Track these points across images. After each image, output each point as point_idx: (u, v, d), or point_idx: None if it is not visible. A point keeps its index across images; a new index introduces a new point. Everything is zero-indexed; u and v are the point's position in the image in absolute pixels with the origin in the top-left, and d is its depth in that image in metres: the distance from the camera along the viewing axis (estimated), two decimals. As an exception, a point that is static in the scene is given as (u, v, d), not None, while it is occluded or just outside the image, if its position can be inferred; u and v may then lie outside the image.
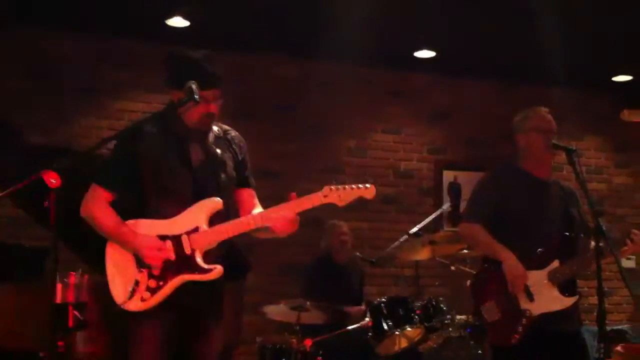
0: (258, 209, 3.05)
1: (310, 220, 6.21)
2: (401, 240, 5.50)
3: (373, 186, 2.87)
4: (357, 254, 5.85)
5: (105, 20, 5.91)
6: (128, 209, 2.90)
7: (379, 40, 6.10)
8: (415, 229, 5.43)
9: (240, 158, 3.09)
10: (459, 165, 7.23)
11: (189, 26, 5.98)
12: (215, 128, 3.05)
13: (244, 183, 3.11)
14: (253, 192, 3.15)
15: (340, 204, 2.86)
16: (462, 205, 6.96)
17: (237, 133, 3.17)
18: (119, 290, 2.81)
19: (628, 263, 7.32)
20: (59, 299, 2.39)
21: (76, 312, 2.33)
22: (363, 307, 5.39)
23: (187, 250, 2.82)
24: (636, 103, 7.67)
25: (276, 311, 4.84)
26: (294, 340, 4.44)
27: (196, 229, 2.83)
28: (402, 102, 7.22)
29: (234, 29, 6.06)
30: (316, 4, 5.52)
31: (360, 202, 7.28)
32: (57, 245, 2.50)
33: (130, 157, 2.86)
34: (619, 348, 4.39)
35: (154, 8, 5.70)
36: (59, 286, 2.42)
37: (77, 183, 2.76)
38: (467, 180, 6.97)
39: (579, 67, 6.60)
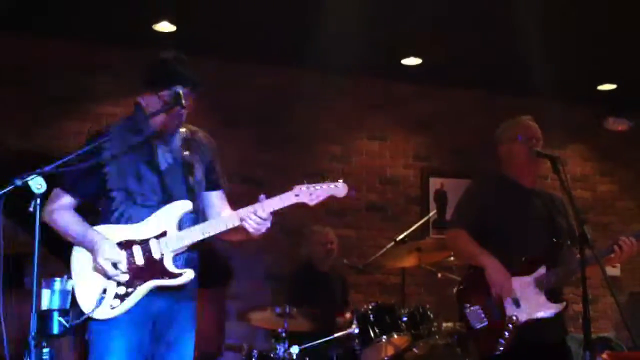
0: (227, 211, 2.99)
1: (297, 228, 6.25)
2: (387, 247, 5.50)
3: (344, 184, 2.81)
4: (345, 261, 5.84)
5: (90, 24, 5.87)
6: (95, 214, 2.84)
7: (364, 49, 6.11)
8: (401, 236, 5.43)
9: (209, 159, 3.04)
10: (446, 173, 7.25)
11: (176, 31, 5.96)
12: (182, 129, 2.98)
13: (213, 185, 3.05)
14: (223, 195, 3.09)
15: (312, 203, 2.80)
16: (449, 213, 6.98)
17: (205, 133, 3.11)
18: (86, 298, 2.73)
19: (613, 271, 7.36)
20: (44, 305, 2.37)
21: (61, 319, 2.31)
22: (348, 315, 5.39)
23: (156, 255, 2.76)
24: (620, 111, 7.74)
25: (262, 318, 4.82)
26: (281, 347, 4.42)
27: (165, 233, 2.78)
28: (388, 109, 7.23)
29: (219, 36, 6.04)
30: (301, 13, 5.53)
31: (346, 208, 7.31)
32: (40, 250, 2.48)
33: (96, 162, 2.78)
34: (604, 356, 4.40)
35: (141, 12, 5.67)
36: (44, 292, 2.40)
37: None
38: (454, 187, 6.99)
39: (564, 75, 6.64)
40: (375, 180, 7.10)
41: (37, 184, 2.32)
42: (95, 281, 2.73)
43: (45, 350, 2.28)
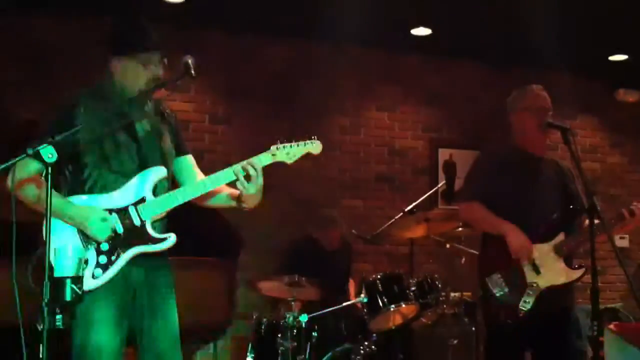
0: (201, 175, 2.98)
1: (305, 198, 6.27)
2: (396, 218, 5.52)
3: (319, 142, 2.89)
4: (353, 231, 5.86)
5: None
6: (68, 185, 2.77)
7: (375, 18, 6.06)
8: (410, 207, 5.44)
9: (174, 127, 3.01)
10: (455, 144, 7.23)
11: (185, 2, 5.91)
12: (150, 100, 2.94)
13: (182, 150, 3.02)
14: (192, 158, 3.06)
15: (289, 162, 2.86)
16: (457, 184, 6.99)
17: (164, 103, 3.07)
18: (62, 269, 2.54)
19: (622, 242, 7.38)
20: (56, 272, 2.40)
21: (73, 285, 2.34)
22: (352, 288, 5.45)
23: (137, 222, 2.72)
24: (631, 83, 7.68)
25: (272, 287, 4.86)
26: (290, 315, 4.46)
27: (143, 200, 2.74)
28: (397, 80, 7.20)
29: (228, 7, 6.00)
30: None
31: (355, 179, 7.30)
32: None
33: (70, 128, 2.65)
34: (611, 326, 4.43)
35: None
36: (55, 260, 2.42)
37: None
38: (463, 158, 6.99)
39: (575, 46, 6.58)
40: (385, 151, 7.10)
41: (49, 153, 2.34)
42: (73, 251, 2.57)
43: (58, 316, 2.31)
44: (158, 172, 2.81)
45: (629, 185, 7.86)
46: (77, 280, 2.36)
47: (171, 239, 2.76)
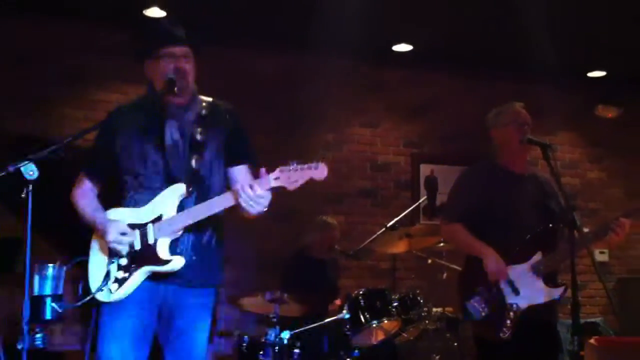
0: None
1: (288, 213, 6.26)
2: (378, 233, 5.53)
3: (324, 165, 2.53)
4: (336, 246, 5.85)
5: (81, 10, 5.83)
6: (110, 197, 2.87)
7: (357, 35, 6.09)
8: (391, 223, 5.45)
9: (229, 131, 2.94)
10: (436, 159, 7.26)
11: (166, 17, 5.92)
12: (203, 103, 2.92)
13: (235, 159, 2.92)
14: (246, 169, 2.93)
15: (290, 187, 2.56)
16: (439, 199, 7.01)
17: (229, 105, 3.02)
18: (94, 278, 2.75)
19: (601, 257, 7.43)
20: (36, 290, 2.37)
21: (53, 304, 2.32)
22: (339, 302, 5.41)
23: (150, 240, 2.72)
24: (610, 99, 7.77)
25: (254, 303, 4.83)
26: (272, 332, 4.44)
27: (160, 217, 2.73)
28: (379, 96, 7.23)
29: (211, 21, 6.01)
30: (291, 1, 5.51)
31: (337, 194, 7.29)
32: (32, 236, 2.47)
33: (109, 145, 2.82)
34: (592, 341, 4.44)
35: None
36: (35, 278, 2.40)
37: (54, 174, 2.72)
38: (444, 174, 7.03)
39: (554, 62, 6.66)
40: (367, 166, 7.12)
41: (29, 170, 2.32)
42: (102, 264, 2.74)
43: (39, 335, 2.29)
44: (177, 190, 2.74)
45: (607, 200, 7.92)
46: (58, 298, 2.34)
47: (175, 261, 2.69)
